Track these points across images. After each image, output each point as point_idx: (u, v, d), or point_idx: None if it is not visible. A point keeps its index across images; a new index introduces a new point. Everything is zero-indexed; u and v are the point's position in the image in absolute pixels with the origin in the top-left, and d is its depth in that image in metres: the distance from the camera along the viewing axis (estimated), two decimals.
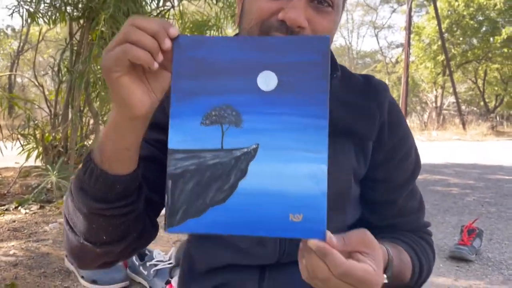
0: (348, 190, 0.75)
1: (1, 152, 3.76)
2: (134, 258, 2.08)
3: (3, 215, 3.23)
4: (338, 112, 0.73)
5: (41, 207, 3.43)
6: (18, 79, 18.81)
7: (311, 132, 0.50)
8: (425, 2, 22.17)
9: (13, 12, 3.80)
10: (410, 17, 16.16)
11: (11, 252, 2.38)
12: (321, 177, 0.50)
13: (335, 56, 0.78)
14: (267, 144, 0.50)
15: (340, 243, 0.51)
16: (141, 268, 2.05)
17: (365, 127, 0.75)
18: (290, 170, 0.50)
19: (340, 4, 0.72)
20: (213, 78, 0.51)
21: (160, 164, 0.71)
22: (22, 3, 3.91)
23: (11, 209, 3.42)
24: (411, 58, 19.10)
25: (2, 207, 3.45)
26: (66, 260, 2.20)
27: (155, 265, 2.02)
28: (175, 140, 0.51)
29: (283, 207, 0.50)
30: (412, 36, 18.16)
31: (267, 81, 0.51)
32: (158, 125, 0.72)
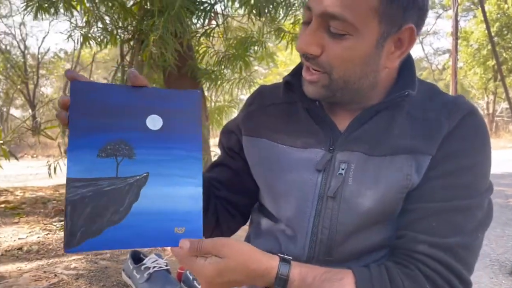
0: (395, 207, 0.73)
1: (60, 169, 3.96)
2: (129, 261, 2.08)
3: (62, 231, 3.40)
4: (404, 130, 0.73)
5: None
6: None
7: (190, 162, 0.62)
8: (472, 6, 21.43)
9: (69, 37, 4.03)
10: (456, 22, 15.65)
11: (72, 266, 2.49)
12: (198, 197, 0.61)
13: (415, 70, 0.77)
14: (155, 172, 0.60)
15: (193, 248, 0.60)
16: (134, 271, 2.03)
17: (427, 142, 0.72)
18: (174, 192, 0.60)
19: (370, 27, 0.67)
20: (107, 118, 0.60)
21: (231, 168, 0.90)
22: (77, 28, 4.15)
23: None
24: (459, 64, 18.44)
25: (61, 223, 3.63)
26: (123, 274, 2.28)
27: (148, 268, 1.99)
28: (73, 170, 0.57)
29: (169, 222, 0.59)
30: (459, 41, 17.56)
31: (154, 122, 0.62)
32: (230, 132, 0.91)
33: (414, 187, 0.72)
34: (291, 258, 0.67)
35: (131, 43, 4.13)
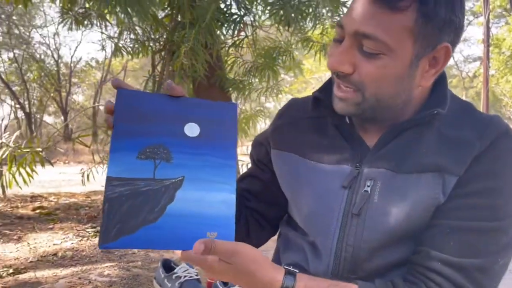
0: (421, 226, 0.71)
1: (93, 177, 4.07)
2: (160, 270, 2.12)
3: (95, 237, 3.48)
4: (432, 148, 0.72)
5: None
6: (101, 107, 20.31)
7: (224, 169, 0.64)
8: (504, 13, 20.88)
9: (102, 48, 4.14)
10: (488, 28, 15.29)
11: (105, 273, 2.55)
12: (231, 203, 0.62)
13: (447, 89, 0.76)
14: (191, 177, 0.62)
15: (206, 251, 0.59)
16: (165, 280, 2.06)
17: (455, 162, 0.70)
18: (208, 197, 0.62)
19: (404, 47, 0.66)
20: (148, 123, 0.63)
21: (261, 180, 0.91)
22: (110, 39, 4.28)
23: None
24: (491, 72, 17.94)
25: (94, 229, 3.73)
26: (154, 282, 2.32)
27: (179, 277, 2.01)
28: (113, 170, 0.59)
29: (202, 226, 0.60)
30: (491, 48, 17.10)
31: (192, 129, 0.64)
32: (260, 144, 0.93)
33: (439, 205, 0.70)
34: (296, 271, 0.66)
35: (162, 53, 4.23)
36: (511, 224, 0.70)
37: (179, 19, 3.89)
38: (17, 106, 17.46)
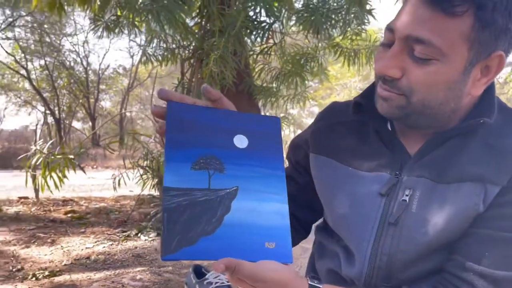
0: (459, 236, 0.70)
1: (124, 182, 4.15)
2: (191, 275, 2.12)
3: (126, 241, 3.54)
4: (474, 157, 0.70)
5: (158, 234, 3.69)
6: (127, 113, 20.73)
7: (274, 180, 0.65)
8: None
9: (131, 56, 4.22)
10: None
11: (138, 277, 2.59)
12: (285, 213, 0.63)
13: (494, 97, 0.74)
14: (244, 187, 0.63)
15: (229, 270, 0.57)
16: (197, 286, 2.06)
17: (499, 172, 0.69)
18: (262, 208, 0.62)
19: (458, 53, 0.65)
20: (199, 135, 0.64)
21: (297, 183, 0.90)
22: (140, 46, 4.36)
23: (132, 235, 3.74)
24: None
25: (124, 233, 3.79)
26: (185, 287, 2.34)
27: (211, 283, 2.02)
28: (170, 180, 0.60)
29: (260, 236, 0.61)
30: None
31: (240, 141, 0.65)
32: (298, 146, 0.92)
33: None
34: (320, 286, 0.65)
35: (191, 61, 4.28)
36: None
37: (209, 27, 3.94)
38: (48, 112, 17.96)
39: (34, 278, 2.59)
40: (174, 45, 4.26)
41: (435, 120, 0.72)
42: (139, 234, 3.72)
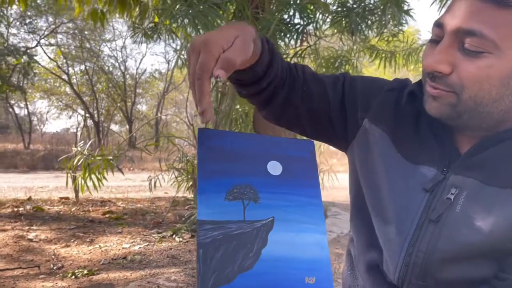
0: (508, 246, 0.66)
1: (160, 184, 4.23)
2: None
3: (161, 243, 3.60)
4: None
5: (192, 236, 3.74)
6: (163, 116, 21.15)
7: (311, 209, 0.61)
8: None
9: (168, 62, 4.31)
10: None
11: (172, 278, 2.62)
12: (324, 244, 0.60)
13: None
14: (280, 217, 0.59)
15: None
16: None
17: None
18: (300, 239, 0.59)
19: None
20: (232, 163, 0.61)
21: (325, 97, 0.83)
22: (176, 52, 4.45)
23: (167, 236, 3.80)
24: None
25: (159, 234, 3.86)
26: None
27: None
28: (204, 212, 0.57)
29: (299, 271, 0.57)
30: None
31: (274, 168, 0.63)
32: (353, 88, 0.83)
33: None
34: None
35: None
36: None
37: None
38: (87, 115, 18.60)
39: (73, 276, 2.67)
40: None
41: (487, 120, 0.68)
42: (173, 236, 3.77)
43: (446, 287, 0.70)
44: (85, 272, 2.75)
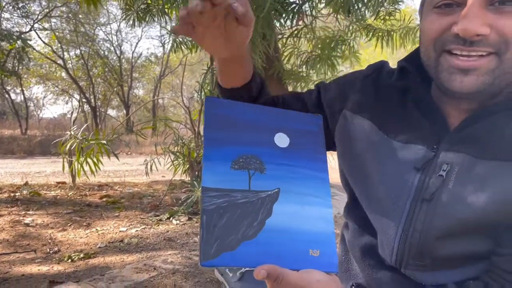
0: (502, 220, 0.64)
1: (156, 168, 4.21)
2: None
3: (158, 225, 3.61)
4: None
5: (189, 219, 3.74)
6: (160, 100, 21.05)
7: (317, 182, 0.62)
8: None
9: (163, 44, 4.25)
10: None
11: (169, 260, 2.63)
12: (329, 218, 0.60)
13: None
14: (286, 189, 0.59)
15: (271, 278, 0.53)
16: (227, 269, 2.07)
17: None
18: (305, 212, 0.59)
19: None
20: (239, 132, 0.61)
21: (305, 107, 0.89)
22: (170, 35, 4.39)
23: (164, 219, 3.80)
24: None
25: (157, 217, 3.86)
26: (216, 271, 2.35)
27: (241, 267, 2.01)
28: (209, 180, 0.57)
29: (304, 243, 0.57)
30: None
31: (281, 140, 0.63)
32: (328, 90, 0.88)
33: None
34: None
35: None
36: None
37: None
38: (84, 100, 18.49)
39: (69, 260, 2.67)
40: None
41: (504, 85, 0.64)
42: (170, 218, 3.78)
43: (443, 264, 0.69)
44: (82, 255, 2.75)
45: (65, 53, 17.30)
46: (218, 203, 0.56)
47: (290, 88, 4.29)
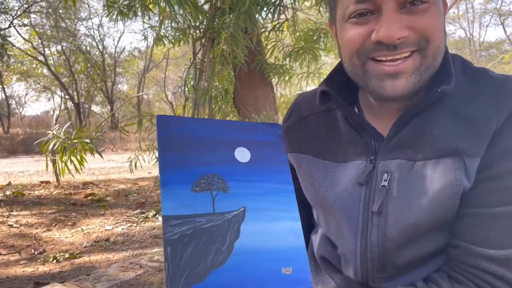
0: (448, 216, 0.66)
1: (140, 165, 4.18)
2: None
3: (144, 223, 3.60)
4: (447, 129, 0.65)
5: None
6: (145, 96, 20.86)
7: (283, 195, 0.59)
8: None
9: (145, 38, 4.20)
10: None
11: (155, 258, 2.62)
12: (298, 232, 0.57)
13: (450, 53, 0.69)
14: (251, 207, 0.56)
15: None
16: None
17: (474, 143, 0.64)
18: (273, 228, 0.56)
19: None
20: (196, 151, 0.58)
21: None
22: (151, 28, 4.35)
23: (150, 216, 3.79)
24: None
25: (143, 215, 3.84)
26: None
27: None
28: (169, 207, 0.53)
29: (275, 262, 0.55)
30: None
31: (242, 155, 0.60)
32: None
33: (466, 191, 0.64)
34: None
35: (203, 41, 4.24)
36: None
37: (219, 5, 3.88)
38: (67, 97, 18.22)
39: (55, 261, 2.66)
40: (185, 25, 4.22)
41: (428, 81, 0.66)
42: (157, 215, 3.77)
43: (407, 269, 0.70)
44: (67, 255, 2.74)
45: (46, 49, 17.00)
46: (182, 231, 0.52)
47: (274, 82, 4.29)
